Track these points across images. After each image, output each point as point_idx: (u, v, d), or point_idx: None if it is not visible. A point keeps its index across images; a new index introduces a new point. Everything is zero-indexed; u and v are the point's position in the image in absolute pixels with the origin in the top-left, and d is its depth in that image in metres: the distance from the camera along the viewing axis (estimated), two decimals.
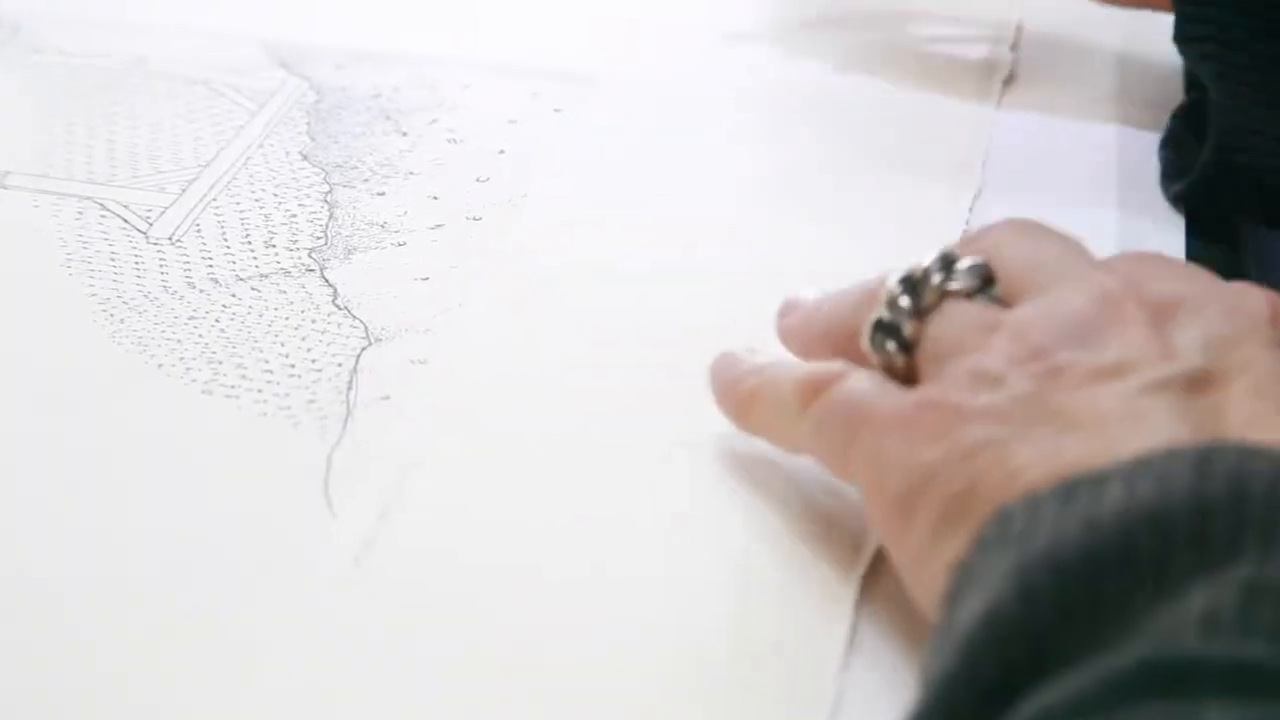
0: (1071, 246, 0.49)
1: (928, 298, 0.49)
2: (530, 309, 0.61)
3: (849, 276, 0.53)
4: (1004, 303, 0.48)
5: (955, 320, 0.48)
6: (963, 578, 0.40)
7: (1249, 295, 0.46)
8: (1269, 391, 0.43)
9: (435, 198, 0.67)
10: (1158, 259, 0.49)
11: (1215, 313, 0.45)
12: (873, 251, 0.60)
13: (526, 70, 0.76)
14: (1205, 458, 0.38)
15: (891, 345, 0.49)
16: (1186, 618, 0.35)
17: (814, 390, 0.49)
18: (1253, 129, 0.63)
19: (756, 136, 0.72)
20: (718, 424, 0.54)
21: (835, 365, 0.50)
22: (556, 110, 0.73)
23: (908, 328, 0.49)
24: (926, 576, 0.43)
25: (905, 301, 0.49)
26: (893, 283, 0.49)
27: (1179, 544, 0.37)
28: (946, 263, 0.49)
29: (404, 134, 0.71)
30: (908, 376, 0.49)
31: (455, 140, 0.71)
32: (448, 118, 0.72)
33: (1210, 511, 0.37)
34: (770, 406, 0.52)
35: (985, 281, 0.49)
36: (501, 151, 0.70)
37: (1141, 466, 0.39)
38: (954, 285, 0.49)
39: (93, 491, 0.53)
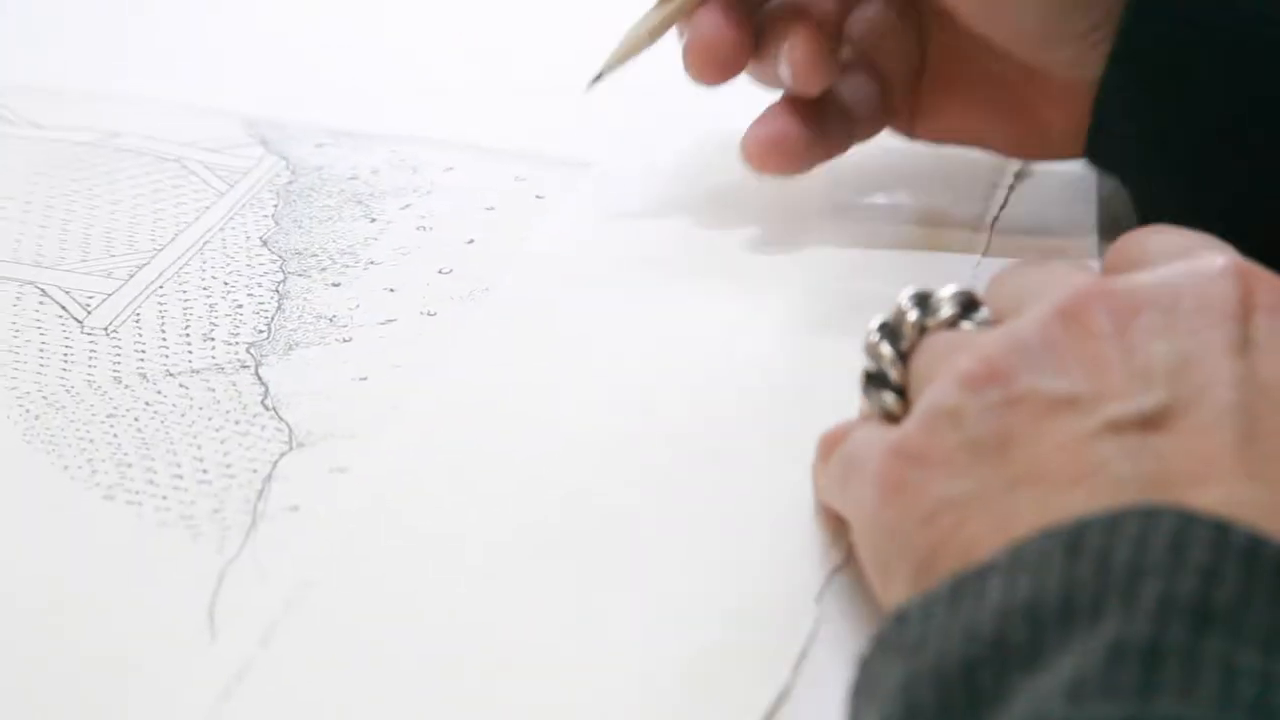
0: (1067, 264, 0.49)
1: (907, 339, 0.50)
2: (467, 418, 0.58)
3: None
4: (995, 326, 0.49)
5: (931, 353, 0.49)
6: (865, 678, 0.42)
7: (1216, 282, 0.45)
8: (1225, 422, 0.43)
9: (392, 290, 0.64)
10: (1136, 237, 0.49)
11: (1183, 316, 0.45)
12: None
13: (513, 153, 0.73)
14: (1077, 534, 0.40)
15: (885, 396, 0.50)
16: (1054, 686, 0.37)
17: (828, 447, 0.51)
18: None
19: (751, 242, 0.67)
20: (655, 562, 0.52)
21: (849, 422, 0.51)
22: (538, 197, 0.70)
23: (894, 374, 0.50)
24: None
25: (886, 349, 0.50)
26: (872, 331, 0.50)
27: (1049, 626, 0.38)
28: (921, 299, 0.50)
29: (372, 220, 0.68)
30: None
31: (425, 228, 0.68)
32: (422, 202, 0.69)
33: (1078, 588, 0.39)
34: (815, 469, 0.53)
35: (966, 307, 0.49)
36: (471, 241, 0.67)
37: (1019, 559, 0.40)
38: (931, 320, 0.49)
39: None
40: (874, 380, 0.50)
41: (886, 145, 0.68)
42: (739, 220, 0.68)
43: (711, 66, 0.64)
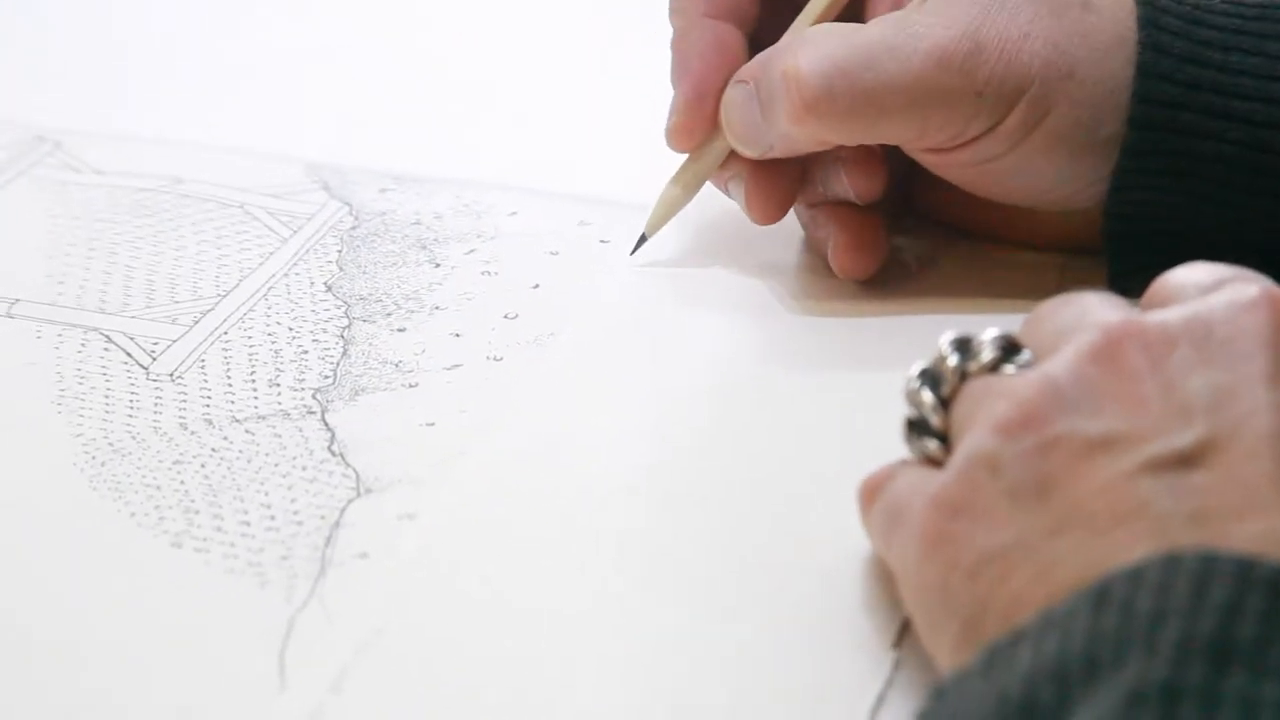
0: (1099, 299, 0.49)
1: (948, 384, 0.49)
2: (534, 464, 0.58)
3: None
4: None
5: (971, 399, 0.48)
6: None
7: (1250, 312, 0.45)
8: (1264, 452, 0.43)
9: (458, 335, 0.64)
10: (1169, 274, 0.49)
11: (1217, 348, 0.45)
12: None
13: (577, 197, 0.72)
14: (1103, 588, 0.40)
15: (928, 443, 0.49)
16: None
17: (870, 494, 0.51)
18: None
19: (816, 289, 0.67)
20: (729, 604, 0.51)
21: (892, 466, 0.50)
22: (603, 241, 0.70)
23: (935, 420, 0.49)
24: None
25: (928, 395, 0.49)
26: (912, 378, 0.50)
27: (1075, 682, 0.39)
28: (962, 343, 0.49)
29: (437, 265, 0.68)
30: None
31: (490, 273, 0.67)
32: (486, 247, 0.69)
33: (1102, 641, 0.39)
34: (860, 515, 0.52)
35: (1007, 351, 0.48)
36: (536, 286, 0.67)
37: (1049, 620, 0.40)
38: (972, 365, 0.49)
39: (41, 649, 0.51)
40: (915, 427, 0.50)
41: None
42: (806, 267, 0.67)
43: (773, 214, 0.66)
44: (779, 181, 0.65)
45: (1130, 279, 0.59)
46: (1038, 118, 0.60)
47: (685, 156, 0.67)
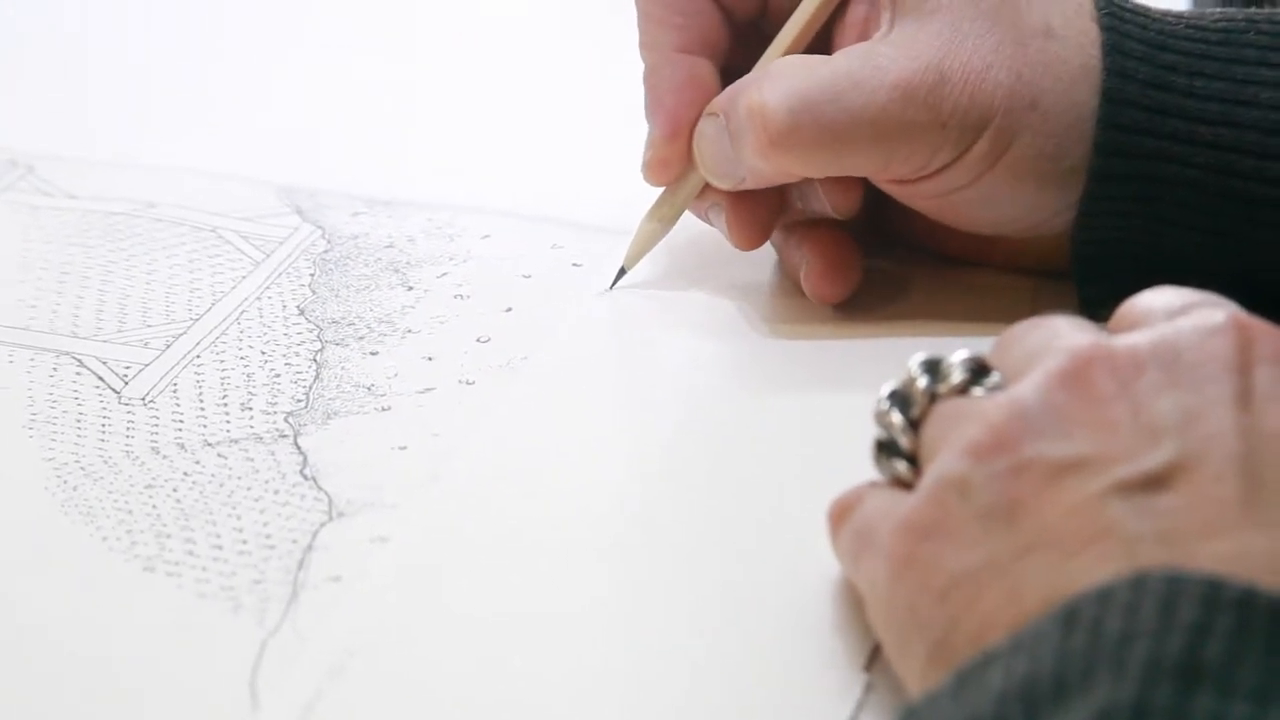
0: (1068, 322, 0.49)
1: (917, 407, 0.49)
2: (507, 487, 0.58)
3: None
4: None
5: (941, 421, 0.48)
6: None
7: (1217, 337, 0.46)
8: (1231, 473, 0.43)
9: (430, 358, 0.64)
10: (1136, 298, 0.49)
11: (1185, 371, 0.45)
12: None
13: (550, 220, 0.72)
14: (1072, 609, 0.40)
15: (897, 464, 0.49)
16: None
17: (839, 517, 0.50)
18: None
19: (790, 311, 0.67)
20: (701, 626, 0.52)
21: (861, 488, 0.50)
22: (575, 265, 0.70)
23: (904, 442, 0.49)
24: None
25: (897, 417, 0.49)
26: (882, 398, 0.50)
27: (1043, 703, 0.38)
28: (931, 365, 0.49)
29: (410, 288, 0.68)
30: None
31: (462, 296, 0.68)
32: (459, 270, 0.69)
33: (1071, 662, 0.39)
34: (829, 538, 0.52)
35: (976, 373, 0.49)
36: (509, 309, 0.67)
37: (1018, 642, 0.40)
38: (942, 387, 0.49)
39: (10, 673, 0.51)
40: (885, 449, 0.50)
41: None
42: (779, 289, 0.68)
43: (755, 239, 0.66)
44: (759, 208, 0.65)
45: (1100, 304, 0.59)
46: (1002, 148, 0.60)
47: (661, 190, 0.67)
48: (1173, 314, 0.47)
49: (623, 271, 0.67)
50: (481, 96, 0.82)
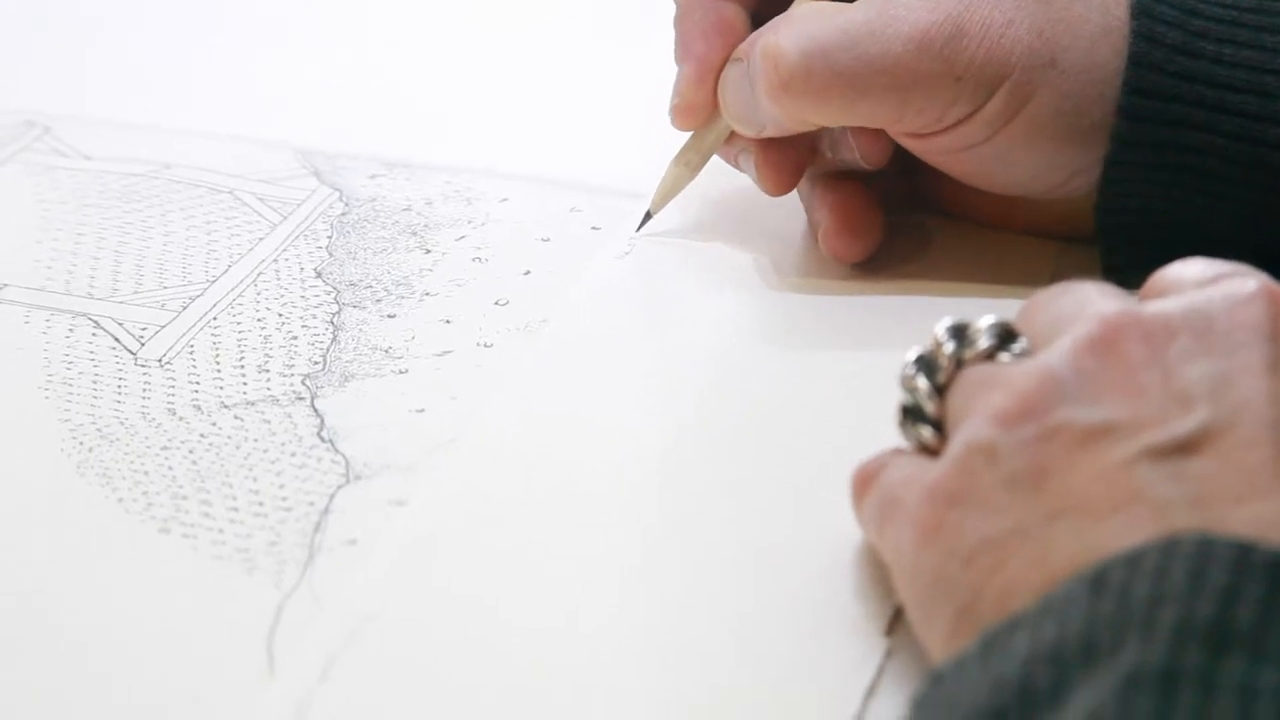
0: (1097, 288, 0.48)
1: (943, 372, 0.49)
2: (526, 451, 0.57)
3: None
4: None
5: (967, 388, 0.48)
6: None
7: (1249, 305, 0.46)
8: (1263, 439, 0.43)
9: (448, 321, 0.63)
10: (1166, 268, 0.49)
11: (1217, 338, 0.45)
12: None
13: (568, 183, 0.72)
14: (1101, 573, 0.40)
15: (922, 430, 0.49)
16: None
17: (863, 484, 0.50)
18: None
19: (810, 271, 0.66)
20: (722, 590, 0.51)
21: (885, 454, 0.50)
22: (594, 228, 0.69)
23: (930, 408, 0.49)
24: None
25: (922, 383, 0.49)
26: (908, 363, 0.49)
27: (1071, 666, 0.39)
28: (958, 330, 0.49)
29: (427, 251, 0.67)
30: None
31: (481, 259, 0.67)
32: (477, 234, 0.69)
33: (1100, 625, 0.39)
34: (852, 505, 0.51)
35: (1003, 339, 0.48)
36: (527, 272, 0.66)
37: (1046, 606, 0.41)
38: (968, 353, 0.48)
39: (26, 634, 0.51)
40: (910, 414, 0.50)
41: None
42: (798, 251, 0.67)
43: (784, 185, 0.66)
44: (788, 153, 0.65)
45: (1123, 271, 0.59)
46: (1019, 104, 0.60)
47: (688, 135, 0.66)
48: (1202, 284, 0.47)
49: (649, 216, 0.67)
50: (500, 59, 0.82)
